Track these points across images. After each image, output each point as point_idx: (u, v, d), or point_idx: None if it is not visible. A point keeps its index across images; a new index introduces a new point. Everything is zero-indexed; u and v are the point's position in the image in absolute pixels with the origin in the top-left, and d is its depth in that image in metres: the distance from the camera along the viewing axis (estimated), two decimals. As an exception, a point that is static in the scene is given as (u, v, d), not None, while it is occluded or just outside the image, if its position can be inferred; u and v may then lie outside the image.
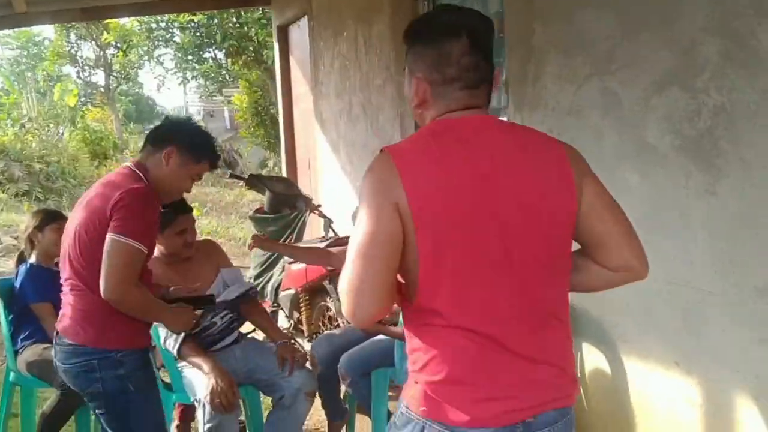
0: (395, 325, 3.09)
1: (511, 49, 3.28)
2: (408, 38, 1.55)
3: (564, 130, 2.85)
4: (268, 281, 5.19)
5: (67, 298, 2.37)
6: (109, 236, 2.20)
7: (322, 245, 4.59)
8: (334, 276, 4.45)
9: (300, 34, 6.63)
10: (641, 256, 1.56)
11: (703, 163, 2.26)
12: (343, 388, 3.58)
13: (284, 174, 7.41)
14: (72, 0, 6.43)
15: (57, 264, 3.69)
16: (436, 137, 1.47)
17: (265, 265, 5.28)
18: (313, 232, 5.93)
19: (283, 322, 5.04)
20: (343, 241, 4.67)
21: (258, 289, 4.57)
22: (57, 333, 2.38)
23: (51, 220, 3.65)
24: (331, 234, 5.16)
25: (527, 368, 1.48)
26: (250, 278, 5.12)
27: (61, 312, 2.41)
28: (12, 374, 3.39)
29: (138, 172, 2.36)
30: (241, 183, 12.36)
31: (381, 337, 3.32)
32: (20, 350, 3.37)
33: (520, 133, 1.61)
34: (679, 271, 2.38)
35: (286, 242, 5.26)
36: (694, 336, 2.35)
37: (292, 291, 4.75)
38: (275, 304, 5.02)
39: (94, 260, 2.24)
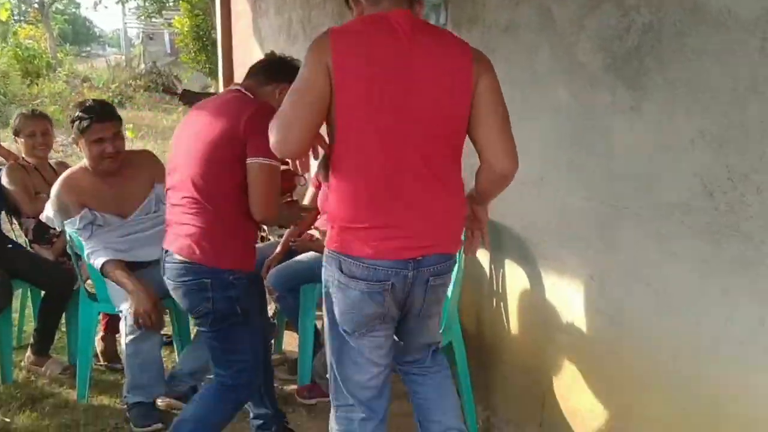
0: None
1: (452, -35, 3.22)
2: None
3: (499, 47, 2.83)
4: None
5: (180, 216, 2.36)
6: (254, 161, 2.25)
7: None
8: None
9: (241, -51, 6.38)
10: (509, 155, 1.95)
11: (630, 81, 2.28)
12: (273, 306, 3.59)
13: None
14: None
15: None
16: (367, 23, 1.89)
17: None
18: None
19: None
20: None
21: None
22: (166, 251, 2.40)
23: None
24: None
25: (417, 218, 1.90)
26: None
27: (168, 230, 2.42)
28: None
29: (250, 95, 2.41)
30: (180, 107, 12.05)
31: (310, 253, 3.31)
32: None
33: (436, 31, 2.00)
34: (599, 188, 2.43)
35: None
36: (609, 252, 2.42)
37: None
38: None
39: (219, 177, 2.30)
